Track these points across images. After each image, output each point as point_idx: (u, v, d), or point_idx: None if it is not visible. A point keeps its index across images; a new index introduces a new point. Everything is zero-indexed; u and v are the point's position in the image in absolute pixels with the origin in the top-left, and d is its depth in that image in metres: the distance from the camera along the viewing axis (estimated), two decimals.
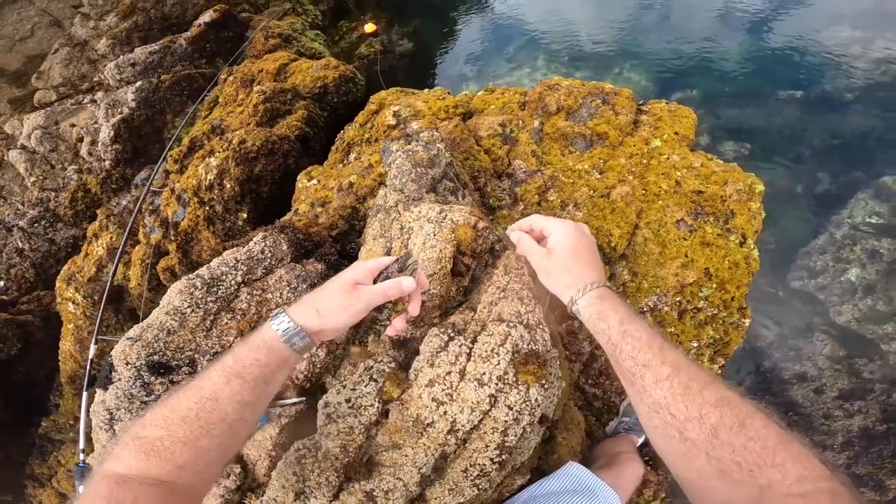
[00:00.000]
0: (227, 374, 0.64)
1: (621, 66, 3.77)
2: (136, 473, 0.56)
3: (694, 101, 3.17)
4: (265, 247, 1.13)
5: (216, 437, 0.61)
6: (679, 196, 1.50)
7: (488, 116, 1.64)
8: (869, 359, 2.49)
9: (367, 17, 4.08)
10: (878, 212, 2.60)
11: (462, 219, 0.91)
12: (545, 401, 0.85)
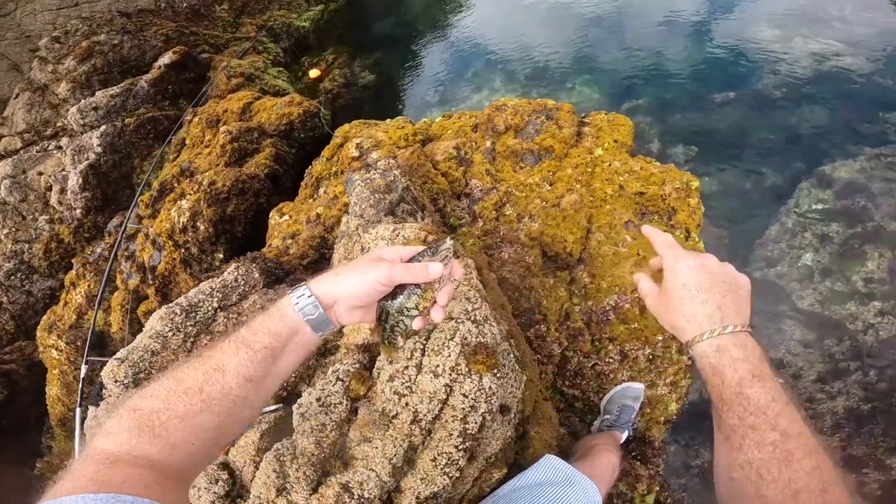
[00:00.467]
0: (237, 342, 0.61)
1: (574, 82, 4.01)
2: (126, 451, 0.53)
3: (641, 110, 3.41)
4: (238, 275, 1.22)
5: (216, 414, 0.58)
6: (624, 199, 1.65)
7: (444, 141, 1.78)
8: (838, 339, 2.63)
9: (320, 60, 4.27)
10: (822, 198, 2.81)
11: (413, 234, 1.01)
12: (500, 390, 0.94)
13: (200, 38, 4.24)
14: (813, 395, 2.47)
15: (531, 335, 1.73)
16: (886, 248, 2.64)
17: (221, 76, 3.65)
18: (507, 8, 5.35)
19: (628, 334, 1.85)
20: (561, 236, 1.59)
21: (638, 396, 1.95)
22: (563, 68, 4.16)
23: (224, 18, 4.38)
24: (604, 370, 2.03)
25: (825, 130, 2.94)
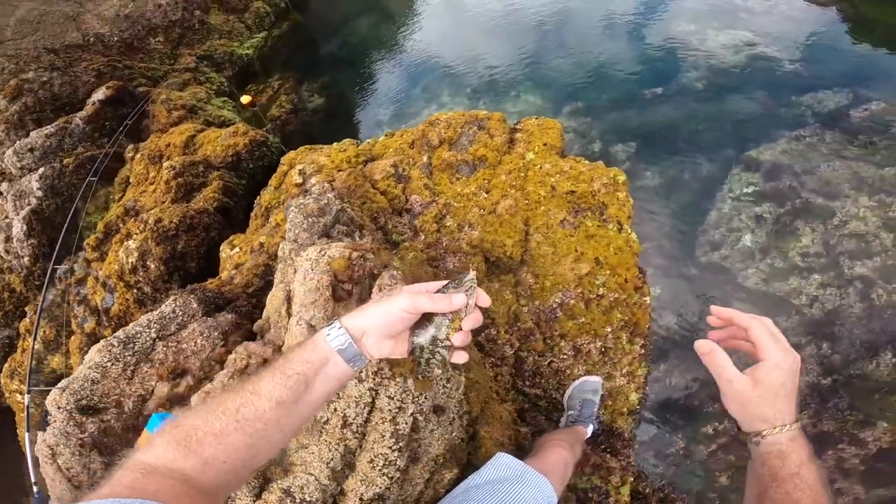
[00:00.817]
0: (273, 369, 0.66)
1: (518, 89, 4.17)
2: (163, 464, 0.57)
3: (581, 112, 3.58)
4: (175, 307, 1.25)
5: (248, 434, 0.61)
6: (557, 199, 1.74)
7: (382, 160, 1.84)
8: (786, 315, 2.78)
9: (266, 86, 4.30)
10: (752, 182, 3.01)
11: (338, 253, 1.06)
12: (428, 391, 0.98)
13: (136, 71, 4.19)
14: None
15: (482, 339, 1.79)
16: (817, 222, 2.83)
17: (161, 109, 3.61)
18: (453, 22, 5.52)
19: (578, 329, 1.94)
20: (500, 241, 1.67)
21: (596, 389, 2.01)
22: (508, 77, 4.33)
23: (160, 50, 4.35)
24: (560, 367, 2.11)
25: (746, 117, 3.16)
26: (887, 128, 2.77)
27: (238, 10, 4.94)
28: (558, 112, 3.75)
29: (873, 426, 2.32)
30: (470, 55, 4.70)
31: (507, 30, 4.91)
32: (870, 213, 2.62)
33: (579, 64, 4.13)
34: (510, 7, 5.03)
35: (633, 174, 3.24)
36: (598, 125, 3.45)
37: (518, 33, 4.78)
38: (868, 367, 2.38)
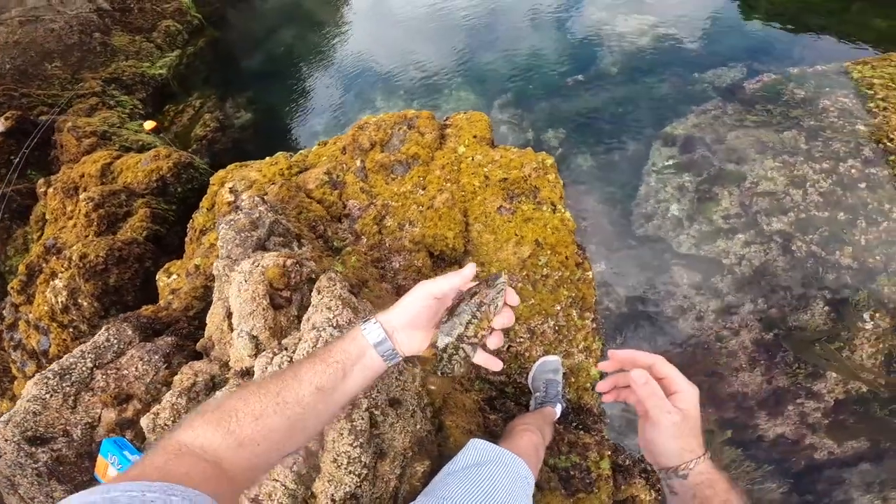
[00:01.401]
0: (313, 357, 0.68)
1: (450, 87, 4.27)
2: (199, 445, 0.58)
3: (512, 103, 3.74)
4: (109, 335, 1.24)
5: (286, 418, 0.63)
6: (492, 187, 1.82)
7: (315, 169, 1.84)
8: (720, 276, 3.02)
9: (186, 106, 4.13)
10: (671, 155, 3.27)
11: (271, 262, 1.07)
12: (380, 384, 1.02)
13: (35, 99, 3.88)
14: (720, 334, 2.69)
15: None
16: (732, 186, 3.11)
17: (69, 138, 3.37)
18: (382, 27, 5.55)
19: (529, 311, 2.03)
20: (442, 235, 1.72)
21: (557, 368, 2.07)
22: (441, 76, 4.42)
23: (59, 76, 4.05)
24: (518, 350, 2.18)
25: (659, 96, 3.44)
26: (779, 96, 3.11)
27: (145, 30, 4.69)
28: (490, 106, 3.88)
29: (824, 378, 2.50)
30: (402, 58, 4.76)
31: (436, 31, 5.02)
32: (776, 173, 2.92)
33: (508, 58, 4.30)
34: (438, 9, 5.14)
35: (566, 158, 3.42)
36: (528, 115, 3.61)
37: (448, 33, 4.89)
38: (803, 317, 2.59)
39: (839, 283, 2.66)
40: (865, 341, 2.51)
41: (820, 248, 2.73)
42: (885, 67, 2.88)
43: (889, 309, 2.54)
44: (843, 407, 2.46)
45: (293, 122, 4.38)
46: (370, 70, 4.78)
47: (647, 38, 3.94)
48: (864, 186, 2.72)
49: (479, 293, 0.69)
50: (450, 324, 0.68)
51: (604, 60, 3.81)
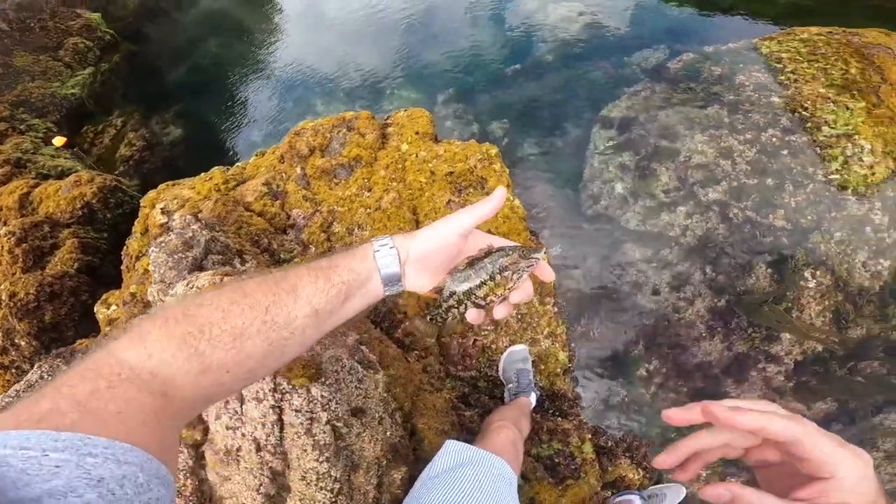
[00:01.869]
0: (316, 271, 0.56)
1: (392, 87, 4.24)
2: (149, 370, 0.45)
3: (454, 98, 3.76)
4: (42, 373, 1.15)
5: (269, 342, 0.51)
6: (439, 182, 1.82)
7: (253, 181, 1.76)
8: (668, 247, 3.16)
9: (107, 125, 3.86)
10: (610, 136, 3.40)
11: (206, 281, 1.01)
12: (339, 395, 0.99)
13: None
14: (677, 306, 2.78)
15: (400, 335, 1.81)
16: (668, 161, 3.27)
17: None
18: (317, 30, 5.42)
19: None
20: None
21: (525, 357, 2.09)
22: (382, 77, 4.37)
23: None
24: (485, 343, 2.20)
25: (592, 81, 3.58)
26: (699, 74, 3.31)
27: (50, 49, 4.34)
28: (434, 102, 3.89)
29: (779, 340, 2.62)
30: (340, 61, 4.67)
31: (375, 32, 4.96)
32: (706, 146, 3.11)
33: (448, 54, 4.31)
34: (375, 10, 5.08)
35: (512, 147, 3.49)
36: (472, 108, 3.65)
37: (386, 33, 4.85)
38: (749, 281, 2.74)
39: (777, 245, 2.86)
40: (811, 300, 2.70)
41: (754, 213, 2.93)
42: (790, 42, 3.13)
43: (828, 266, 2.76)
44: (803, 369, 2.60)
45: (228, 135, 4.19)
46: (308, 75, 4.66)
47: (577, 25, 4.08)
48: (786, 153, 2.95)
49: (510, 256, 0.63)
50: (464, 274, 0.62)
51: (539, 49, 3.91)
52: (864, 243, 2.82)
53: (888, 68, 2.87)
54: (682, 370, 2.66)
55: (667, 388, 2.57)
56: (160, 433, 0.43)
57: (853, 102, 2.77)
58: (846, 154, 2.80)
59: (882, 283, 2.77)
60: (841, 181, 2.80)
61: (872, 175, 2.79)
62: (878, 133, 2.82)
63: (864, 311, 2.73)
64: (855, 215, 2.84)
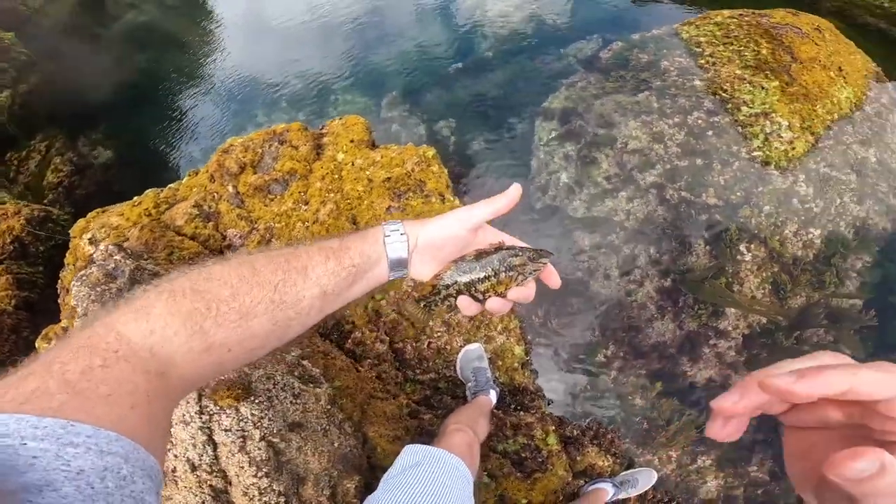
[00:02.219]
0: (327, 251, 0.55)
1: (336, 93, 4.20)
2: (149, 347, 0.43)
3: (399, 100, 3.77)
4: None
5: (274, 322, 0.50)
6: (377, 189, 1.83)
7: (182, 204, 1.72)
8: (614, 232, 3.27)
9: (31, 151, 3.63)
10: (552, 128, 3.51)
11: None
12: (272, 412, 1.00)
13: None
14: (628, 289, 2.88)
15: (350, 345, 1.82)
16: (607, 149, 3.40)
17: None
18: (257, 37, 5.28)
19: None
20: None
21: (480, 355, 2.11)
22: (325, 83, 4.32)
23: None
24: (439, 345, 2.22)
25: (532, 74, 3.68)
26: (627, 62, 3.46)
27: None
28: (379, 105, 3.88)
29: (724, 315, 2.75)
30: (282, 69, 4.58)
31: (317, 37, 4.88)
32: (639, 132, 3.25)
33: (392, 56, 4.31)
34: (317, 14, 4.99)
35: (460, 146, 3.53)
36: (417, 109, 3.67)
37: (329, 38, 4.78)
38: (690, 259, 2.88)
39: (712, 222, 3.03)
40: (749, 273, 2.87)
41: (688, 193, 3.09)
42: (706, 26, 3.31)
43: (761, 239, 2.95)
44: (751, 342, 2.72)
45: (166, 153, 4.04)
46: (248, 85, 4.55)
47: (514, 20, 4.17)
48: (711, 134, 3.13)
49: (519, 257, 0.62)
50: (469, 265, 0.61)
51: (480, 46, 3.98)
52: (792, 214, 3.03)
53: (797, 47, 3.09)
54: (639, 352, 2.78)
55: (626, 371, 2.66)
56: (151, 417, 0.41)
57: (767, 82, 2.97)
58: (766, 131, 3.00)
59: (815, 252, 2.99)
60: (764, 157, 3.00)
61: (793, 150, 3.00)
62: (794, 110, 3.04)
63: (800, 280, 2.94)
64: (780, 188, 3.05)
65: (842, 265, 2.97)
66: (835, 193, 3.08)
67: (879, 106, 3.31)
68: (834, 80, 3.03)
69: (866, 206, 3.11)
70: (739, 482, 2.55)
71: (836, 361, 0.35)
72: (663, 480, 2.50)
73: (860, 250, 3.02)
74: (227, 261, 0.52)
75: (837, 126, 3.15)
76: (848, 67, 3.16)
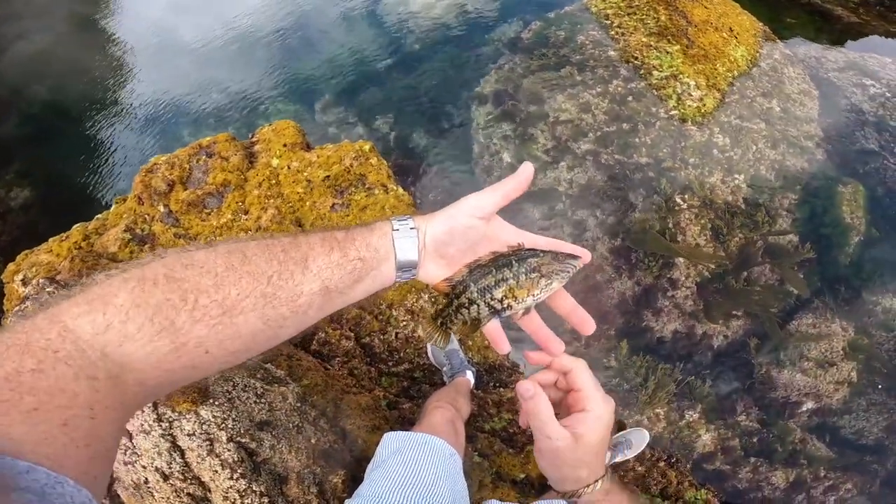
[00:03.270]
0: (331, 241, 0.48)
1: (266, 104, 4.12)
2: (101, 345, 0.35)
3: (333, 103, 3.76)
4: None
5: (265, 321, 0.43)
6: (318, 189, 1.84)
7: (113, 229, 1.66)
8: (561, 201, 3.42)
9: None
10: (488, 111, 3.62)
11: None
12: (235, 412, 1.01)
13: None
14: (593, 247, 3.03)
15: (316, 346, 1.83)
16: (541, 124, 3.54)
17: None
18: (173, 57, 5.04)
19: (398, 294, 2.12)
20: None
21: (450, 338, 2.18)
22: (254, 95, 4.23)
23: None
24: (406, 334, 2.25)
25: (461, 61, 3.77)
26: (547, 39, 3.63)
27: None
28: (312, 110, 3.85)
29: (674, 265, 2.93)
30: (206, 86, 4.42)
31: (240, 50, 4.73)
32: (568, 104, 3.42)
33: (320, 60, 4.27)
34: (237, 27, 4.83)
35: (402, 140, 3.57)
36: (352, 110, 3.67)
37: (254, 49, 4.66)
38: (634, 216, 3.06)
39: (646, 180, 3.25)
40: (689, 222, 3.10)
41: (621, 155, 3.29)
42: None
43: (692, 190, 3.19)
44: (704, 288, 2.92)
45: (89, 185, 3.82)
46: (170, 108, 4.36)
47: (437, 12, 4.24)
48: (631, 99, 3.34)
49: (541, 258, 0.56)
50: (484, 270, 0.55)
51: (408, 39, 4.03)
52: (715, 164, 3.30)
53: (690, 12, 3.36)
54: (604, 313, 2.93)
55: (595, 335, 2.82)
56: (91, 435, 0.33)
57: (670, 47, 3.21)
58: (678, 92, 3.25)
59: (743, 196, 3.27)
60: (680, 115, 3.25)
61: (703, 106, 3.26)
62: (698, 70, 3.31)
63: (734, 222, 3.21)
64: (700, 142, 3.31)
65: (770, 205, 3.27)
66: (749, 141, 3.38)
67: (773, 62, 3.66)
68: (727, 40, 3.32)
69: (781, 149, 3.43)
70: (732, 433, 2.69)
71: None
72: (658, 439, 2.61)
73: (784, 190, 3.33)
74: (213, 246, 0.45)
75: (739, 82, 3.46)
76: (738, 28, 3.46)
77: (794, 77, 3.69)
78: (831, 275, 3.10)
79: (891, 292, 3.08)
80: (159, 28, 5.26)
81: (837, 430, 2.77)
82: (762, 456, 2.67)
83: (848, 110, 3.68)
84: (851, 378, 2.83)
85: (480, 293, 0.54)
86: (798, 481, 2.64)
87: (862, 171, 3.45)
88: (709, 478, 2.59)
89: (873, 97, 3.76)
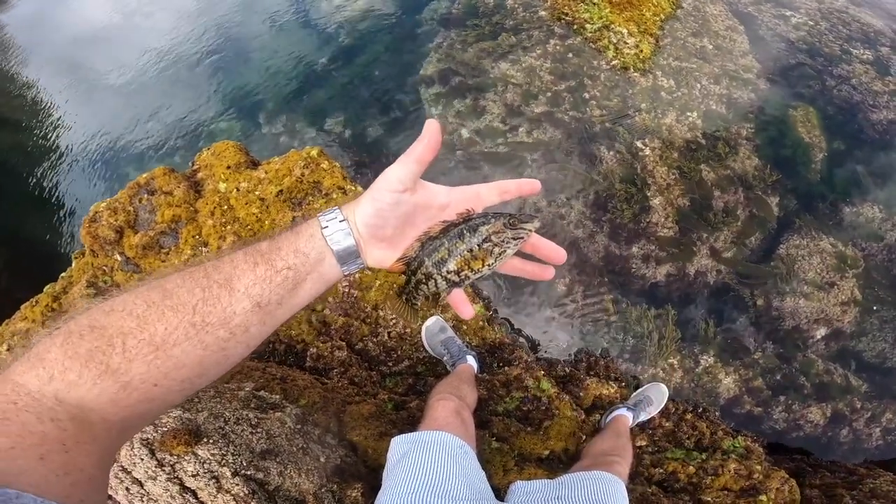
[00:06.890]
0: (255, 255, 0.48)
1: (208, 126, 3.97)
2: (51, 394, 0.39)
3: (276, 113, 3.65)
4: None
5: (203, 346, 0.44)
6: (274, 206, 1.79)
7: (75, 287, 1.59)
8: (526, 166, 3.40)
9: None
10: (437, 92, 3.56)
11: None
12: (231, 448, 1.00)
13: None
14: (560, 213, 3.01)
15: (310, 362, 1.80)
16: (491, 94, 3.49)
17: None
18: (101, 98, 4.78)
19: (379, 292, 2.10)
20: None
21: (442, 326, 2.11)
22: (192, 120, 4.07)
23: None
24: (399, 331, 2.22)
25: (398, 46, 3.69)
26: (477, 9, 3.58)
27: None
28: (256, 124, 3.73)
29: (652, 208, 2.93)
30: (142, 120, 4.23)
31: (173, 78, 4.51)
32: (513, 71, 3.39)
33: (256, 72, 4.12)
34: (165, 56, 4.58)
35: (357, 136, 3.50)
36: (297, 116, 3.57)
37: (186, 75, 4.45)
38: (601, 168, 3.07)
39: (604, 131, 3.25)
40: (655, 164, 3.13)
41: (574, 111, 3.29)
42: None
43: (651, 132, 3.21)
44: (687, 227, 2.94)
45: (48, 242, 3.65)
46: (108, 145, 4.18)
47: (361, 1, 4.11)
48: (571, 56, 3.33)
49: (492, 224, 0.54)
50: (436, 244, 0.54)
51: (339, 36, 3.91)
52: (667, 106, 3.33)
53: None
54: (592, 266, 2.94)
55: (589, 292, 2.79)
56: (70, 466, 0.37)
57: None
58: (613, 42, 3.25)
59: (701, 131, 3.32)
60: (621, 64, 3.25)
61: (641, 52, 3.27)
62: (627, 18, 3.31)
63: (698, 157, 3.26)
64: (647, 87, 3.33)
65: (728, 136, 3.32)
66: (692, 80, 3.42)
67: (695, 1, 3.70)
68: None
69: (724, 84, 3.48)
70: (752, 372, 2.60)
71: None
72: (679, 391, 2.50)
73: (739, 120, 3.39)
74: (134, 288, 0.47)
75: (668, 25, 3.49)
76: None
77: (718, 14, 3.74)
78: (805, 192, 3.18)
79: (868, 201, 3.13)
80: (70, 65, 4.98)
81: (860, 356, 2.68)
82: (790, 392, 2.58)
83: (777, 40, 3.75)
84: (855, 296, 2.79)
85: (436, 266, 0.54)
86: (837, 415, 2.55)
87: (807, 95, 3.54)
88: (742, 423, 2.51)
89: (797, 26, 3.84)
